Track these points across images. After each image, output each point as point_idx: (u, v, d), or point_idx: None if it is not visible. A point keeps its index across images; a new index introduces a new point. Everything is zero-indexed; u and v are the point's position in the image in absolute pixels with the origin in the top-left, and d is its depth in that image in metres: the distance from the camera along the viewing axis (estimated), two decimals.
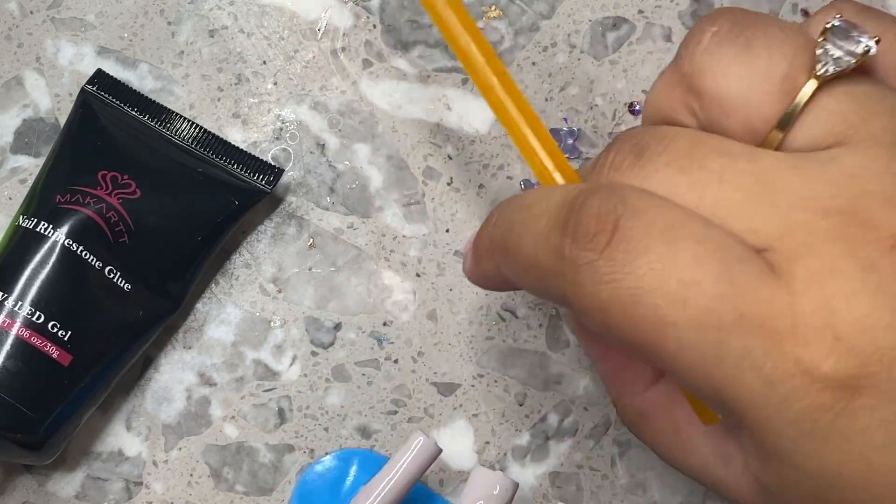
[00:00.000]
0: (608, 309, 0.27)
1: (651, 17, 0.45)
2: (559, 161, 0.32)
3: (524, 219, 0.30)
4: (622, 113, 0.45)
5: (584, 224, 0.27)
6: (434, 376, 0.44)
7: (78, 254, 0.40)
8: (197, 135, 0.43)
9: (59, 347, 0.40)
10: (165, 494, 0.43)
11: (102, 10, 0.45)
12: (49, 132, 0.44)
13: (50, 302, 0.40)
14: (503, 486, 0.37)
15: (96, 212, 0.41)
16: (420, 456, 0.38)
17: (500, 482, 0.37)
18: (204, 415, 0.43)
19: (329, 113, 0.45)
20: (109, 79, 0.44)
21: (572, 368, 0.44)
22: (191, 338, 0.44)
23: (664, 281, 0.26)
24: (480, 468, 0.38)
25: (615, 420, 0.44)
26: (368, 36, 0.45)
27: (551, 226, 0.28)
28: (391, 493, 0.38)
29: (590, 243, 0.27)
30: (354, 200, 0.44)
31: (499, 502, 0.37)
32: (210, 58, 0.45)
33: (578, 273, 0.27)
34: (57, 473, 0.43)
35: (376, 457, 0.43)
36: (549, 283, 0.29)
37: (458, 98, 0.45)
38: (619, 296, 0.27)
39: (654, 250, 0.26)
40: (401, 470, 0.38)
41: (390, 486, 0.38)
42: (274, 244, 0.44)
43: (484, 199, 0.44)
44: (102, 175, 0.41)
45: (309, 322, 0.44)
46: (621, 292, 0.27)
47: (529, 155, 0.32)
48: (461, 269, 0.44)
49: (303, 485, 0.43)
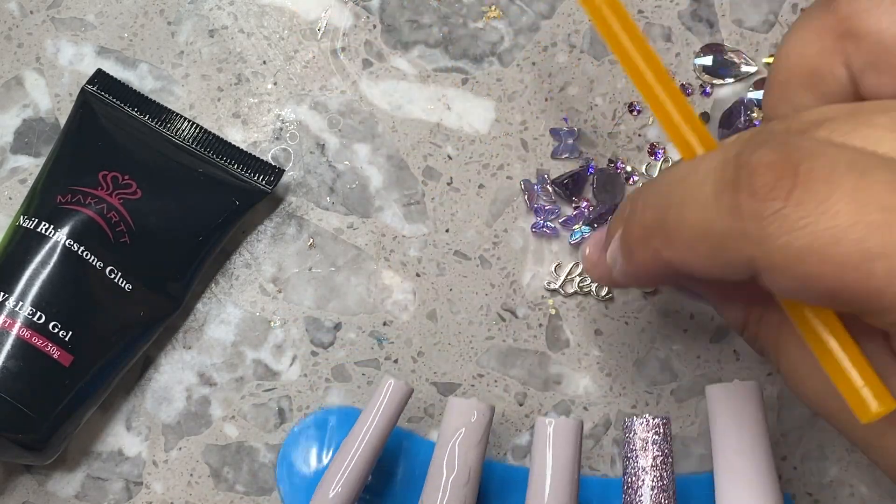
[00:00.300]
0: (806, 256, 0.25)
1: (651, 17, 0.45)
2: (702, 136, 0.31)
3: (682, 191, 0.28)
4: (622, 113, 0.45)
5: (760, 175, 0.26)
6: (434, 376, 0.44)
7: (79, 254, 0.40)
8: (197, 135, 0.43)
9: (59, 348, 0.40)
10: (165, 494, 0.43)
11: (102, 10, 0.45)
12: (49, 132, 0.44)
13: (51, 302, 0.40)
14: (480, 412, 0.37)
15: (97, 212, 0.41)
16: (393, 398, 0.38)
17: (476, 408, 0.37)
18: (204, 415, 0.43)
19: (329, 113, 0.45)
20: (110, 79, 0.44)
21: (572, 368, 0.44)
22: (191, 338, 0.44)
23: (864, 213, 0.25)
24: (454, 398, 0.38)
25: (615, 420, 0.44)
26: (368, 36, 0.45)
27: (719, 188, 0.27)
28: (372, 440, 0.38)
29: (772, 192, 0.26)
30: (354, 200, 0.44)
31: (478, 427, 0.37)
32: (210, 58, 0.45)
33: (765, 226, 0.26)
34: (57, 473, 0.43)
35: (353, 410, 0.43)
36: (728, 249, 0.27)
37: (458, 98, 0.45)
38: (817, 239, 0.25)
39: (845, 184, 0.25)
40: (377, 416, 0.38)
41: (370, 433, 0.38)
42: (274, 244, 0.44)
43: (484, 199, 0.44)
44: (103, 175, 0.41)
45: (309, 322, 0.44)
46: (819, 234, 0.25)
47: (673, 129, 0.32)
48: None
49: (286, 451, 0.43)
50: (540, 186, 0.44)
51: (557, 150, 0.45)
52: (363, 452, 0.38)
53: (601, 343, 0.44)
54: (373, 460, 0.38)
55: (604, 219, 0.44)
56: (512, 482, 0.42)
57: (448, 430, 0.38)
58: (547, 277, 0.44)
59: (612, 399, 0.44)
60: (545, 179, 0.44)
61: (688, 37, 0.45)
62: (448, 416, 0.38)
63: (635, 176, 0.45)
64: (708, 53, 0.45)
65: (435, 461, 0.38)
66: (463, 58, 0.45)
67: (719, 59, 0.45)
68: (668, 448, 0.37)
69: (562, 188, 0.44)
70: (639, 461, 0.37)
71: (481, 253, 0.44)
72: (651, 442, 0.37)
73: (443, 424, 0.38)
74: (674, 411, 0.44)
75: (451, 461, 0.37)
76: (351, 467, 0.38)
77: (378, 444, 0.38)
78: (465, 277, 0.44)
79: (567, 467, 0.37)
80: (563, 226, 0.44)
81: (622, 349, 0.44)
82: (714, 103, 0.45)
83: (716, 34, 0.45)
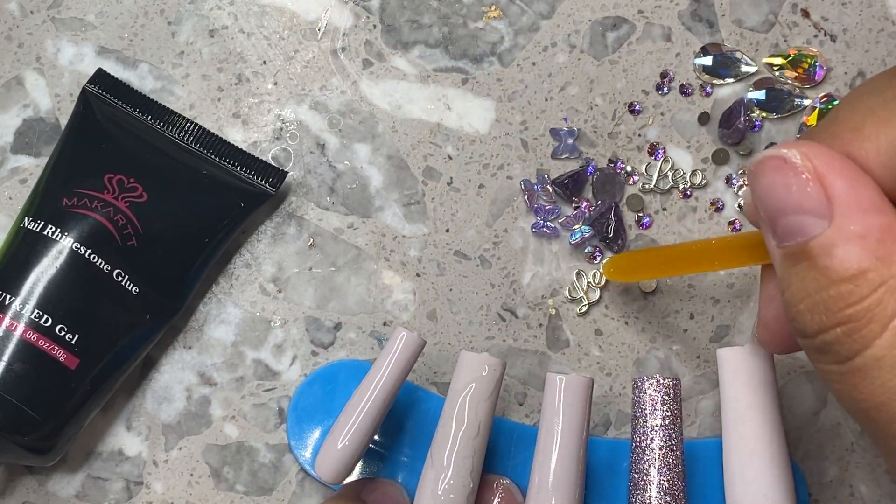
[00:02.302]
0: None
1: (651, 17, 0.45)
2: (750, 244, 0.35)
3: None
4: (622, 113, 0.45)
5: None
6: (434, 376, 0.44)
7: (86, 258, 0.40)
8: (201, 136, 0.43)
9: (66, 351, 0.40)
10: (165, 494, 0.43)
11: (102, 10, 0.45)
12: (49, 132, 0.44)
13: (57, 305, 0.40)
14: (491, 366, 0.37)
15: (104, 216, 0.41)
16: (405, 350, 0.38)
17: (487, 363, 0.37)
18: (204, 414, 0.43)
19: (329, 113, 0.45)
20: (111, 78, 0.44)
21: (572, 368, 0.44)
22: (191, 338, 0.44)
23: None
24: (466, 352, 0.38)
25: (615, 420, 0.44)
26: (368, 36, 0.45)
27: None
28: (382, 391, 0.38)
29: None
30: (354, 200, 0.44)
31: (489, 382, 0.37)
32: (210, 58, 0.45)
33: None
34: (57, 473, 0.43)
35: (364, 363, 0.43)
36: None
37: (458, 98, 0.45)
38: None
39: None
40: (389, 367, 0.38)
41: (381, 385, 0.38)
42: (274, 244, 0.44)
43: (484, 199, 0.44)
44: (109, 178, 0.41)
45: (309, 322, 0.44)
46: None
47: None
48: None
49: (296, 403, 0.43)
50: (540, 186, 0.44)
51: (557, 150, 0.45)
52: (373, 404, 0.38)
53: (601, 343, 0.44)
54: (383, 412, 0.38)
55: (604, 218, 0.44)
56: (521, 438, 0.42)
57: (459, 383, 0.37)
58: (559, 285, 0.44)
59: (612, 399, 0.44)
60: (545, 179, 0.44)
61: (688, 37, 0.45)
62: (459, 370, 0.37)
63: (635, 176, 0.45)
64: (708, 53, 0.45)
65: (445, 414, 0.37)
66: (463, 58, 0.45)
67: (719, 59, 0.45)
68: (677, 409, 0.37)
69: (562, 188, 0.44)
70: (648, 421, 0.37)
71: (481, 253, 0.44)
72: (661, 402, 0.37)
73: (454, 378, 0.38)
74: None
75: (462, 414, 0.37)
76: (360, 419, 0.38)
77: (388, 396, 0.38)
78: (465, 277, 0.44)
79: (576, 423, 0.37)
80: (563, 226, 0.44)
81: (622, 349, 0.44)
82: (714, 103, 0.45)
83: (716, 34, 0.45)
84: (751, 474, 0.35)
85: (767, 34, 0.45)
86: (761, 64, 0.45)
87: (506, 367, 0.38)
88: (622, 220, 0.44)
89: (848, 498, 0.44)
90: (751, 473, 0.35)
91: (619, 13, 0.45)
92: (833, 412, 0.44)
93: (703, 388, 0.44)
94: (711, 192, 0.45)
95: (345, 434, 0.38)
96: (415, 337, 0.38)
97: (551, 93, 0.45)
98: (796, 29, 0.46)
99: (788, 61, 0.45)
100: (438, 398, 0.42)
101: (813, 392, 0.44)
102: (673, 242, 0.45)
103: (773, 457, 0.35)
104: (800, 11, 0.46)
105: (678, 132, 0.45)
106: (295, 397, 0.43)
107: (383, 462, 0.42)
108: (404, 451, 0.42)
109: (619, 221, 0.44)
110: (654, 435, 0.37)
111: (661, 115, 0.45)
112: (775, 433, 0.35)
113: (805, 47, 0.45)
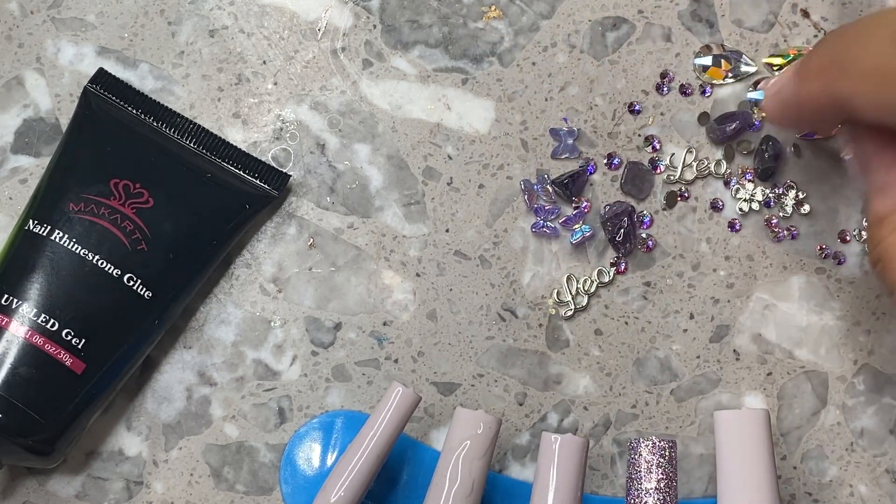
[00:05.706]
0: None
1: (651, 17, 0.45)
2: None
3: (863, 33, 0.33)
4: (622, 113, 0.45)
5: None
6: (434, 376, 0.44)
7: (95, 263, 0.40)
8: (203, 138, 0.43)
9: (72, 355, 0.40)
10: (165, 494, 0.43)
11: (103, 10, 0.45)
12: (50, 132, 0.44)
13: (64, 310, 0.40)
14: (486, 424, 0.37)
15: (111, 222, 0.41)
16: (401, 406, 0.38)
17: (483, 420, 0.37)
18: (204, 414, 0.43)
19: (329, 113, 0.45)
20: (112, 78, 0.44)
21: (572, 368, 0.44)
22: (191, 338, 0.44)
23: None
24: (462, 409, 0.38)
25: (615, 420, 0.44)
26: (368, 36, 0.45)
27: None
28: (377, 446, 0.38)
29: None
30: (354, 200, 0.44)
31: (484, 440, 0.37)
32: (210, 58, 0.45)
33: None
34: (58, 473, 0.43)
35: (359, 415, 0.43)
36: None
37: (458, 98, 0.45)
38: None
39: None
40: (384, 422, 0.38)
41: (376, 439, 0.38)
42: (274, 244, 0.44)
43: (484, 199, 0.45)
44: (115, 184, 0.41)
45: (309, 322, 0.44)
46: None
47: None
48: (760, 110, 0.44)
49: (291, 451, 0.43)
50: (540, 186, 0.44)
51: (557, 150, 0.45)
52: (368, 458, 0.38)
53: (601, 343, 0.44)
54: (377, 466, 0.38)
55: (619, 220, 0.44)
56: (515, 496, 0.42)
57: (453, 440, 0.37)
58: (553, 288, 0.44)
59: (612, 399, 0.44)
60: (545, 179, 0.44)
61: (688, 37, 0.45)
62: (454, 426, 0.38)
63: (662, 164, 0.45)
64: (708, 53, 0.45)
65: (439, 471, 0.37)
66: (463, 58, 0.45)
67: (719, 59, 0.45)
68: (672, 471, 0.37)
69: (562, 188, 0.44)
70: (643, 483, 0.37)
71: (481, 253, 0.44)
72: (656, 465, 0.37)
73: (448, 435, 0.38)
74: (673, 411, 0.44)
75: (455, 472, 0.37)
76: (355, 472, 0.38)
77: (383, 450, 0.38)
78: (465, 277, 0.44)
79: (571, 484, 0.37)
80: (563, 226, 0.44)
81: (622, 349, 0.44)
82: (714, 103, 0.45)
83: (716, 34, 0.45)
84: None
85: (767, 34, 0.46)
86: (761, 64, 0.45)
87: (501, 424, 0.38)
88: (635, 227, 0.44)
89: (848, 498, 0.44)
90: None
91: (619, 13, 0.45)
92: (833, 412, 0.44)
93: (703, 388, 0.44)
94: (711, 192, 0.45)
95: (339, 486, 0.38)
96: (410, 392, 0.38)
97: (551, 93, 0.45)
98: (796, 29, 0.46)
99: (788, 61, 0.45)
100: (433, 452, 0.43)
101: (813, 392, 0.44)
102: (672, 242, 0.45)
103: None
104: (800, 11, 0.46)
105: (678, 132, 0.45)
106: (289, 448, 0.43)
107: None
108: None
109: (631, 226, 0.44)
110: (648, 498, 0.37)
111: (661, 115, 0.45)
112: (770, 498, 0.35)
113: (805, 47, 0.45)
